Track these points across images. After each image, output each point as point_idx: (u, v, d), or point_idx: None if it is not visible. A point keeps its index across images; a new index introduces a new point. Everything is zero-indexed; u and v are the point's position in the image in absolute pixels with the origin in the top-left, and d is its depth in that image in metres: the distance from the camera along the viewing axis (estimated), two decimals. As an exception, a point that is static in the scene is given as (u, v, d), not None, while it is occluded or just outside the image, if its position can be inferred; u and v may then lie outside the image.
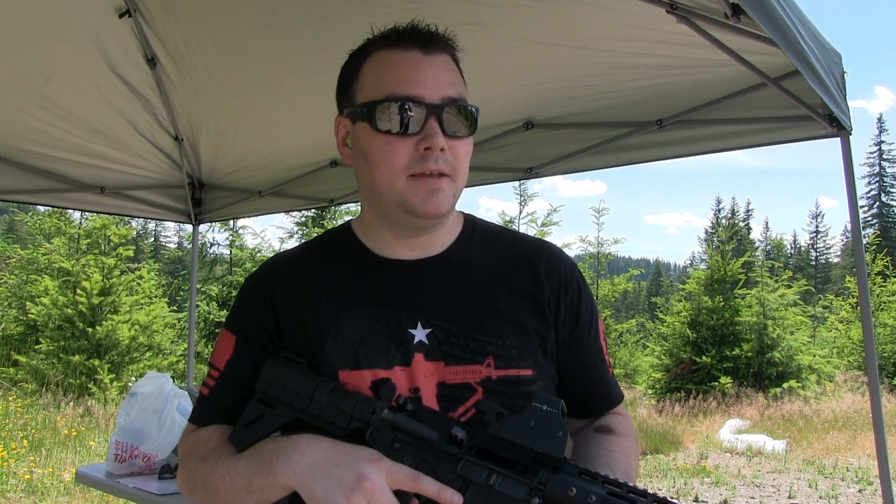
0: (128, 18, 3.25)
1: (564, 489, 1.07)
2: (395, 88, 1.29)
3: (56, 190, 4.59)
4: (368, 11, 2.84)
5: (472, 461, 1.15)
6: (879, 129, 61.38)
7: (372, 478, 1.12)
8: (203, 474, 1.27)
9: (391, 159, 1.30)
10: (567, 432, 1.12)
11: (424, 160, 1.29)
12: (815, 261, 63.54)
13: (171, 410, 3.53)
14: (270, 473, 1.18)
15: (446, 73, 1.33)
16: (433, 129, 1.28)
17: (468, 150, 1.36)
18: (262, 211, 5.37)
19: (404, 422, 1.19)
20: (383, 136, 1.29)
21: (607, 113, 3.63)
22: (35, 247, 16.61)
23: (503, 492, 1.10)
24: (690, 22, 2.41)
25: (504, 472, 1.12)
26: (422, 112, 1.28)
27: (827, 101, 2.62)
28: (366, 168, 1.35)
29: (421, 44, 1.32)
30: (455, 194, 1.35)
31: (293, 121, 4.10)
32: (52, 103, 3.75)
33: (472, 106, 1.34)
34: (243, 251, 17.50)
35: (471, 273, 1.42)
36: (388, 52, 1.33)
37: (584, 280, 1.51)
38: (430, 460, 1.16)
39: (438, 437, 1.18)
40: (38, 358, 14.10)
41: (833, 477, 9.27)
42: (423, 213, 1.31)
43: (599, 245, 20.42)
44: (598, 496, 1.05)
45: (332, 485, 1.13)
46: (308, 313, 1.36)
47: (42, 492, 7.50)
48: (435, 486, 1.12)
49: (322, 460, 1.17)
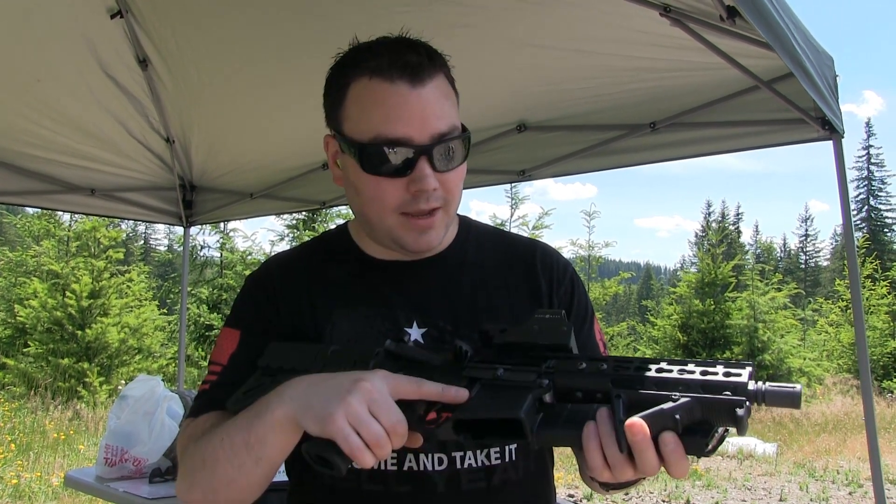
0: (119, 19, 3.22)
1: (574, 365, 1.04)
2: (382, 129, 1.23)
3: (46, 191, 4.55)
4: (361, 14, 2.84)
5: (476, 365, 1.11)
6: (868, 133, 61.87)
7: (370, 379, 1.06)
8: (201, 450, 1.21)
9: (381, 199, 1.28)
10: (571, 328, 1.09)
11: (416, 201, 1.26)
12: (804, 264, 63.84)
13: (162, 414, 3.51)
14: (267, 411, 1.11)
15: (436, 104, 1.26)
16: (423, 171, 1.24)
17: (461, 175, 1.32)
18: (254, 213, 5.35)
19: (407, 349, 1.17)
20: (372, 177, 1.26)
21: (600, 115, 3.63)
22: (24, 249, 16.55)
23: (511, 380, 1.06)
24: (684, 25, 2.41)
25: (510, 366, 1.08)
26: (411, 154, 1.23)
27: (820, 104, 2.63)
28: (357, 200, 1.33)
29: (409, 75, 1.24)
30: (447, 223, 1.34)
31: (285, 123, 4.09)
32: (43, 104, 3.72)
33: (463, 135, 1.29)
34: (234, 254, 17.42)
35: (466, 273, 1.42)
36: (372, 83, 1.25)
37: (579, 278, 1.50)
38: (437, 378, 1.11)
39: (443, 359, 1.15)
40: (26, 361, 14.03)
41: (824, 480, 9.31)
42: (416, 250, 1.33)
43: (590, 248, 20.47)
44: (609, 364, 1.01)
45: (327, 393, 1.06)
46: (305, 312, 1.36)
47: (30, 496, 7.45)
48: (437, 387, 1.07)
49: (316, 380, 1.11)
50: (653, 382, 0.96)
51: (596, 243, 20.59)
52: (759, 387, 0.90)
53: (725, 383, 0.91)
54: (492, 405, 1.03)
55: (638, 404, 0.94)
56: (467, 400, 1.06)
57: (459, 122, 1.31)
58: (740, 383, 0.91)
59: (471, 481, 1.30)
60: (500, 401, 1.03)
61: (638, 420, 0.90)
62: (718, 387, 0.91)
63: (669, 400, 0.92)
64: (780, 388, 0.90)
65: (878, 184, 59.42)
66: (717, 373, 0.93)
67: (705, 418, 0.91)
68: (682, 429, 0.90)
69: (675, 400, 0.92)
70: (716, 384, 0.92)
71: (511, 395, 1.03)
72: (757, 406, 0.91)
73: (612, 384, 0.98)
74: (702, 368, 0.95)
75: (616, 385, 0.98)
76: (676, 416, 0.90)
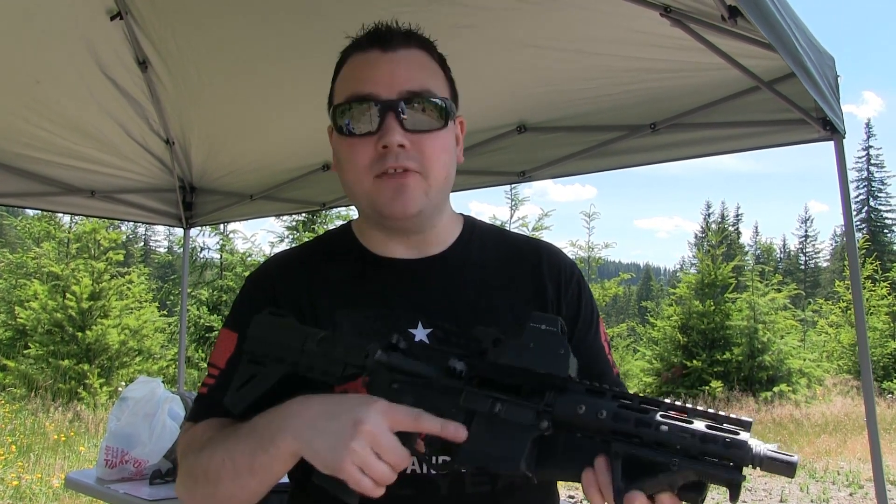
0: (119, 21, 3.22)
1: (573, 408, 1.03)
2: (352, 89, 1.30)
3: (46, 193, 4.55)
4: (362, 15, 2.82)
5: (473, 392, 1.10)
6: (867, 133, 61.80)
7: (369, 420, 1.07)
8: (203, 464, 1.22)
9: (355, 161, 1.30)
10: (569, 349, 1.08)
11: (384, 159, 1.28)
12: (804, 265, 63.81)
13: (163, 415, 3.51)
14: (272, 445, 1.13)
15: (407, 67, 1.31)
16: (389, 125, 1.26)
17: (441, 143, 1.33)
18: (254, 214, 5.35)
19: (399, 361, 1.16)
20: (346, 138, 1.31)
21: (601, 116, 3.62)
22: (24, 251, 16.55)
23: (509, 419, 1.06)
24: (684, 25, 2.41)
25: (508, 398, 1.07)
26: (375, 109, 1.27)
27: (821, 105, 2.63)
28: (340, 172, 1.37)
29: (379, 42, 1.32)
30: (428, 192, 1.32)
31: (285, 124, 4.08)
32: (42, 105, 3.72)
33: (439, 98, 1.32)
34: (234, 255, 17.42)
35: (470, 273, 1.41)
36: (354, 57, 1.35)
37: (584, 279, 1.50)
38: (431, 396, 1.11)
39: (436, 371, 1.14)
40: (26, 363, 14.02)
41: (824, 481, 9.30)
42: (391, 214, 1.31)
43: (590, 249, 20.46)
44: (609, 410, 1.00)
45: (331, 439, 1.08)
46: (306, 313, 1.35)
47: (30, 498, 7.44)
48: (437, 423, 1.08)
49: (317, 416, 1.12)
50: (653, 440, 0.97)
51: (595, 244, 20.63)
52: (758, 453, 0.91)
53: (726, 454, 0.93)
54: (491, 451, 1.05)
55: (636, 461, 0.97)
56: (467, 437, 1.07)
57: (442, 96, 1.34)
58: (739, 456, 0.92)
59: (475, 485, 1.30)
60: (501, 444, 1.05)
61: (637, 492, 0.96)
62: (718, 455, 0.93)
63: (667, 469, 0.95)
64: (777, 458, 0.91)
65: (877, 185, 59.39)
66: (717, 440, 0.93)
67: (701, 480, 0.95)
68: (677, 489, 0.96)
69: (672, 469, 0.94)
70: (716, 453, 0.93)
71: (510, 435, 1.05)
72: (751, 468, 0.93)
73: (612, 434, 1.00)
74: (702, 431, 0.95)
75: (615, 438, 0.99)
76: (673, 484, 0.95)
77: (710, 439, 0.93)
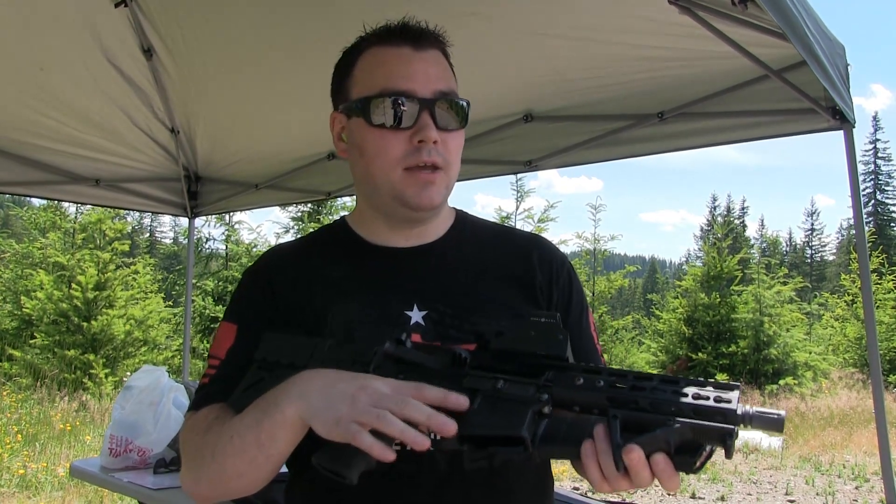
0: (124, 8, 3.21)
1: (572, 380, 1.09)
2: (388, 83, 1.34)
3: (51, 182, 4.53)
4: (367, 4, 2.81)
5: (477, 374, 1.15)
6: (875, 126, 61.58)
7: (374, 384, 1.10)
8: (210, 444, 1.24)
9: (386, 152, 1.35)
10: (567, 336, 1.14)
11: (418, 152, 1.33)
12: (810, 258, 63.72)
13: (167, 404, 3.50)
14: (277, 409, 1.14)
15: (436, 67, 1.38)
16: (426, 122, 1.33)
17: (459, 143, 1.41)
18: (259, 204, 5.33)
19: (406, 352, 1.20)
20: (378, 130, 1.35)
21: (608, 105, 3.59)
22: (30, 241, 16.56)
23: (511, 393, 1.10)
24: (692, 13, 2.38)
25: (510, 378, 1.12)
26: (414, 106, 1.33)
27: (832, 94, 2.60)
28: (361, 161, 1.40)
29: (411, 40, 1.37)
30: (448, 186, 1.40)
31: (291, 113, 4.07)
32: (47, 93, 3.70)
33: (463, 100, 1.39)
34: (239, 246, 17.43)
35: (462, 261, 1.46)
36: (379, 49, 1.38)
37: (575, 272, 1.55)
38: (436, 382, 1.14)
39: (442, 363, 1.18)
40: (32, 352, 14.06)
41: (830, 474, 9.28)
42: (418, 206, 1.37)
43: (596, 241, 20.38)
44: (605, 381, 1.06)
45: (334, 397, 1.10)
46: (304, 303, 1.38)
47: (36, 486, 7.47)
48: (440, 392, 1.10)
49: (325, 380, 1.15)
50: (647, 402, 1.01)
51: (601, 237, 20.47)
52: (747, 411, 0.96)
53: (716, 409, 0.97)
54: (494, 421, 1.08)
55: (633, 422, 1.01)
56: (469, 411, 1.09)
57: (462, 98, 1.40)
58: (730, 410, 0.97)
59: (473, 461, 1.31)
60: (502, 416, 1.08)
61: (634, 445, 0.98)
62: (709, 412, 0.97)
63: (663, 424, 0.99)
64: (765, 414, 0.96)
65: (884, 178, 59.22)
66: (708, 397, 0.98)
67: (695, 440, 0.98)
68: (673, 449, 0.99)
69: (668, 424, 0.98)
70: (707, 409, 0.98)
71: (511, 409, 1.08)
72: (743, 427, 0.97)
73: (609, 401, 1.04)
74: (693, 391, 1.00)
75: (612, 403, 1.04)
76: (669, 440, 0.98)
77: (702, 397, 0.99)
